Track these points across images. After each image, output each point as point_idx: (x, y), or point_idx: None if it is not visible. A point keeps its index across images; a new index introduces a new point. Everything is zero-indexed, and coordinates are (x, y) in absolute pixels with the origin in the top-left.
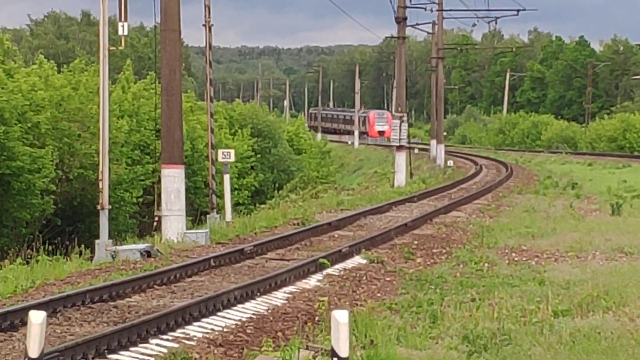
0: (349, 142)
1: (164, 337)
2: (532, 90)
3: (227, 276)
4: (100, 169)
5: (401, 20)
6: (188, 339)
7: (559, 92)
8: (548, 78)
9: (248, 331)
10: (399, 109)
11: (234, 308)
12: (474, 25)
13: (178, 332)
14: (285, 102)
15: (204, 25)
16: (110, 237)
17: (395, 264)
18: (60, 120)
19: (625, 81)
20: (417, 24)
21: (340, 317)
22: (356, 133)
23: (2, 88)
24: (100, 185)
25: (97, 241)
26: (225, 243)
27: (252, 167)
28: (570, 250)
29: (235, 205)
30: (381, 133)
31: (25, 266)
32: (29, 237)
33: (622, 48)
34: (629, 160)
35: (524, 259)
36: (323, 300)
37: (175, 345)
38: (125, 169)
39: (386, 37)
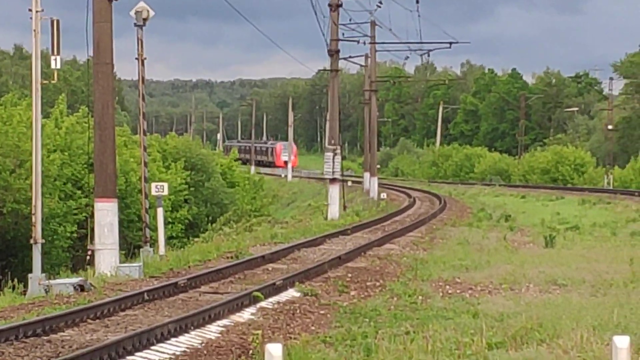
0: (282, 175)
1: None
2: (465, 123)
3: (161, 310)
4: (34, 203)
5: (334, 53)
6: None
7: (492, 124)
8: (481, 110)
9: None
10: (332, 141)
11: (168, 342)
12: (406, 58)
13: None
14: (219, 135)
15: (137, 58)
16: (43, 271)
17: (329, 297)
18: None
19: (557, 113)
20: (350, 57)
21: (274, 350)
22: (289, 166)
23: None
24: (33, 220)
25: (30, 275)
26: (158, 277)
27: (185, 200)
28: (504, 282)
29: (169, 238)
30: (286, 163)
31: None
32: None
33: (554, 80)
34: (562, 192)
35: (458, 291)
36: (257, 334)
37: None
38: (58, 202)
39: (319, 70)
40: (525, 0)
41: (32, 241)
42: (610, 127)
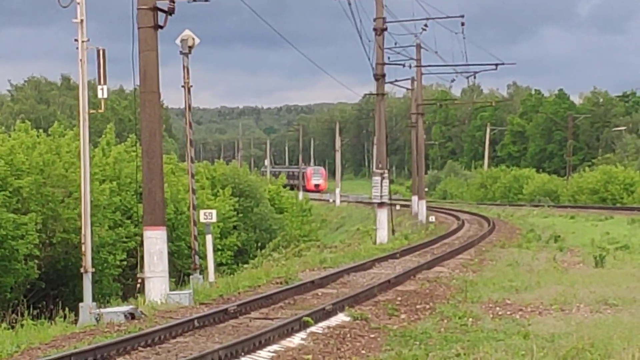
0: (330, 200)
1: None
2: (512, 144)
3: (212, 336)
4: (83, 232)
5: (380, 77)
6: None
7: (539, 145)
8: (528, 132)
9: None
10: (380, 165)
11: None
12: (452, 80)
13: None
14: (266, 162)
15: (183, 86)
16: (94, 299)
17: (379, 320)
18: (43, 186)
19: (606, 133)
20: (396, 81)
21: None
22: (337, 190)
23: None
24: (83, 249)
25: (81, 304)
26: (208, 303)
27: (234, 227)
28: (554, 303)
29: (218, 265)
30: (316, 186)
31: (10, 331)
32: (14, 301)
33: (601, 100)
34: (611, 212)
35: (508, 312)
36: (308, 359)
37: None
38: (108, 231)
39: (365, 94)
40: (566, 21)
41: (82, 270)
42: None
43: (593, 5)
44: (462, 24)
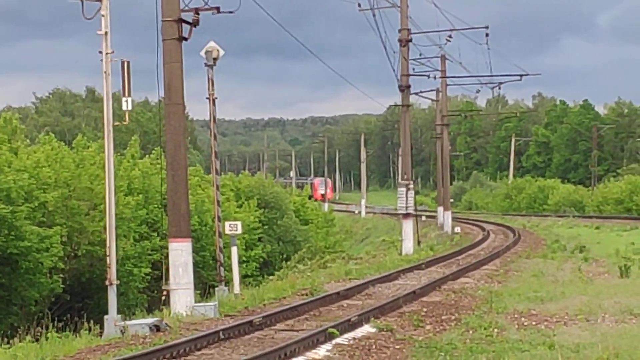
0: (356, 212)
1: None
2: (537, 155)
3: (237, 348)
4: (108, 245)
5: (405, 89)
6: None
7: (564, 156)
8: (553, 142)
9: None
10: (405, 176)
11: None
12: (477, 91)
13: None
14: (291, 173)
15: (208, 98)
16: (119, 312)
17: (405, 331)
18: (69, 199)
19: (631, 143)
20: (421, 92)
21: None
22: (363, 202)
23: (9, 167)
24: (108, 261)
25: (106, 317)
26: (234, 315)
27: (259, 239)
28: (579, 313)
29: (244, 277)
30: (322, 195)
31: (34, 344)
32: (38, 314)
33: (626, 110)
34: (636, 222)
35: (534, 323)
36: None
37: None
38: (133, 244)
39: (390, 106)
40: (587, 32)
41: (107, 282)
42: None
43: (612, 17)
44: (487, 35)
